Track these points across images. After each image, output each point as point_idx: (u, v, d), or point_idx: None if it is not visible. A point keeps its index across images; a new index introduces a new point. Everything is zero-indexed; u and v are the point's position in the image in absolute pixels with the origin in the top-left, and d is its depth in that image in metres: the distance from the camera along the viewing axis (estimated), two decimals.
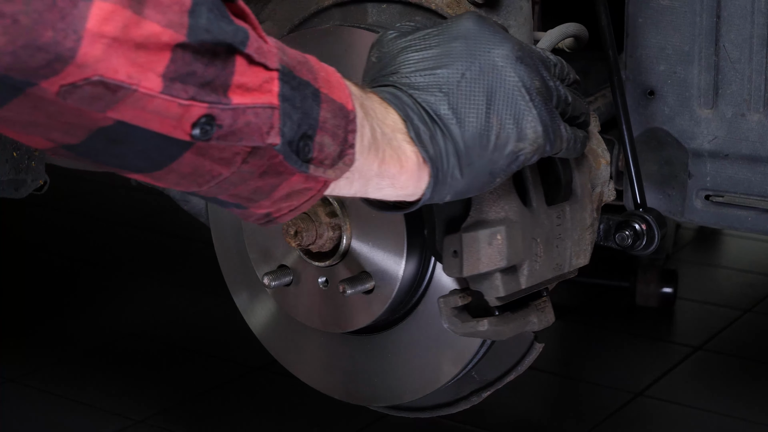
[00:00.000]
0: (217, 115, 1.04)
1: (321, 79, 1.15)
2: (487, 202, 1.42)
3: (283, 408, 2.80)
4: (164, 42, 0.98)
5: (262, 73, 1.07)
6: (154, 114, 1.01)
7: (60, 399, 2.84)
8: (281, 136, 1.09)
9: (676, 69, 1.70)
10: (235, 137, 1.07)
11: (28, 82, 0.95)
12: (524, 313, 1.50)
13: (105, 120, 1.01)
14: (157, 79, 0.99)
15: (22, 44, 0.92)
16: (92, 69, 0.96)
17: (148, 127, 1.02)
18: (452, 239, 1.43)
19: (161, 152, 1.06)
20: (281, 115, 1.09)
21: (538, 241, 1.45)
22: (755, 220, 1.71)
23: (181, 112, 1.02)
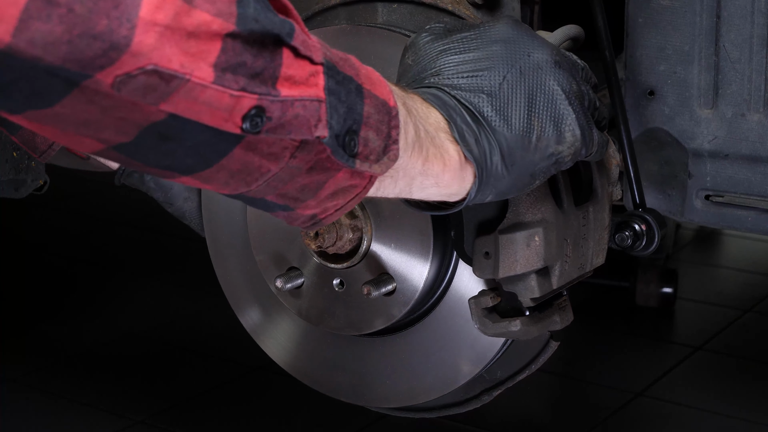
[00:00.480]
0: (267, 107, 1.04)
1: (363, 75, 1.15)
2: (524, 204, 1.42)
3: (283, 408, 2.80)
4: (215, 31, 0.98)
5: (308, 67, 1.07)
6: (205, 106, 1.01)
7: (60, 399, 2.84)
8: (329, 129, 1.10)
9: (676, 69, 1.70)
10: (284, 130, 1.06)
11: (84, 74, 0.95)
12: (549, 313, 1.52)
13: (157, 114, 1.00)
14: (208, 69, 0.99)
15: (78, 33, 0.92)
16: (146, 58, 0.95)
17: (199, 120, 1.02)
18: (485, 241, 1.44)
19: (212, 148, 1.06)
20: (328, 108, 1.09)
21: (568, 242, 1.46)
22: (755, 220, 1.72)
23: (232, 103, 1.02)
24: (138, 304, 3.41)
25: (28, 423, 2.75)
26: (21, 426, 2.73)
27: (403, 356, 1.70)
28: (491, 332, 1.50)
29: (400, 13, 1.67)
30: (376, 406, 1.79)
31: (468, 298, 1.56)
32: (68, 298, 3.45)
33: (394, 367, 1.72)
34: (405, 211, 1.54)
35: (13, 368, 2.98)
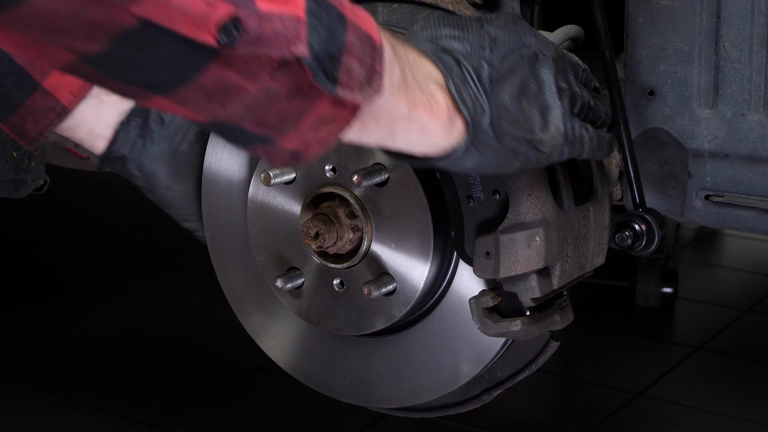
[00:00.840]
0: (243, 19, 1.01)
1: (347, 8, 1.13)
2: (524, 204, 1.42)
3: (283, 408, 2.80)
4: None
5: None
6: (179, 11, 0.99)
7: (60, 399, 2.84)
8: (309, 48, 1.07)
9: (676, 69, 1.70)
10: (261, 45, 1.04)
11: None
12: (549, 313, 1.52)
13: (128, 19, 0.98)
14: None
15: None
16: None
17: (172, 27, 0.99)
18: (486, 240, 1.44)
19: (187, 61, 1.03)
20: (308, 27, 1.07)
21: (568, 242, 1.46)
22: (755, 220, 1.72)
23: (207, 10, 1.00)
24: (138, 303, 3.41)
25: (28, 423, 2.75)
26: (21, 426, 2.73)
27: (404, 356, 1.70)
28: (492, 332, 1.50)
29: (400, 12, 1.67)
30: (376, 406, 1.79)
31: (468, 298, 1.56)
32: (68, 297, 3.45)
33: (394, 367, 1.72)
34: (405, 211, 1.54)
35: (13, 368, 2.98)
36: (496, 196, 1.45)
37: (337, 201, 1.58)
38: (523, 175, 1.43)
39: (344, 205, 1.59)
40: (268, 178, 1.60)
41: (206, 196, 1.80)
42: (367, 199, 1.57)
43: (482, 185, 1.46)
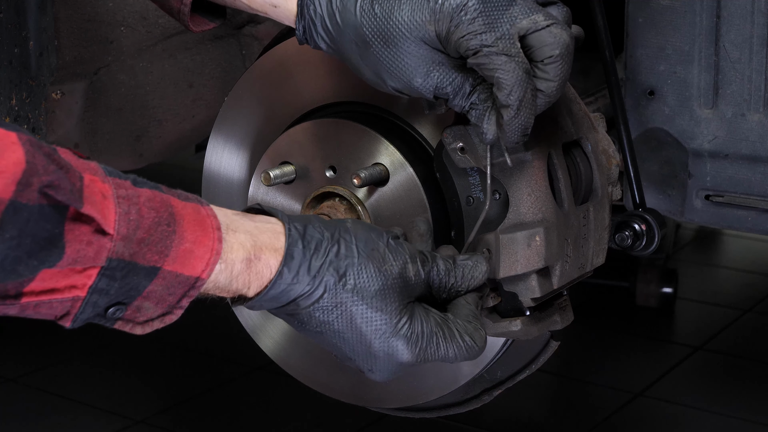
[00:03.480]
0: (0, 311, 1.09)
1: (179, 252, 1.16)
2: (524, 204, 1.42)
3: (283, 408, 2.80)
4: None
5: (73, 276, 1.09)
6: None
7: (60, 399, 2.84)
8: (73, 321, 1.13)
9: (676, 69, 1.70)
10: (22, 315, 1.11)
11: None
12: (549, 313, 1.52)
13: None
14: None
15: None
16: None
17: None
18: (485, 240, 1.44)
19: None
20: (83, 304, 1.12)
21: (568, 242, 1.46)
22: (755, 220, 1.72)
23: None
24: None
25: (28, 423, 2.75)
26: (21, 426, 2.73)
27: None
28: (492, 332, 1.50)
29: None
30: (376, 406, 1.79)
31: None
32: None
33: None
34: (405, 211, 1.54)
35: (13, 368, 2.99)
36: (497, 196, 1.45)
37: (337, 201, 1.58)
38: (523, 176, 1.43)
39: (344, 205, 1.59)
40: (268, 178, 1.60)
41: (206, 196, 1.81)
42: (367, 200, 1.57)
43: (482, 186, 1.46)
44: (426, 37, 1.31)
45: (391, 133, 1.52)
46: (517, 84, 1.27)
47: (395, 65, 1.33)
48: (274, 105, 1.66)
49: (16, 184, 1.02)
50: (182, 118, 2.43)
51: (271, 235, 1.25)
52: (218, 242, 1.19)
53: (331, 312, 1.27)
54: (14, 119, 1.93)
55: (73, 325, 1.14)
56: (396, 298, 1.29)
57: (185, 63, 2.39)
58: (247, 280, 1.23)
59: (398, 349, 1.29)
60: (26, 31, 1.94)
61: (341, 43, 1.35)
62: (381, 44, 1.32)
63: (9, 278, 1.05)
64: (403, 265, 1.31)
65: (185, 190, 1.23)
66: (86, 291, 1.11)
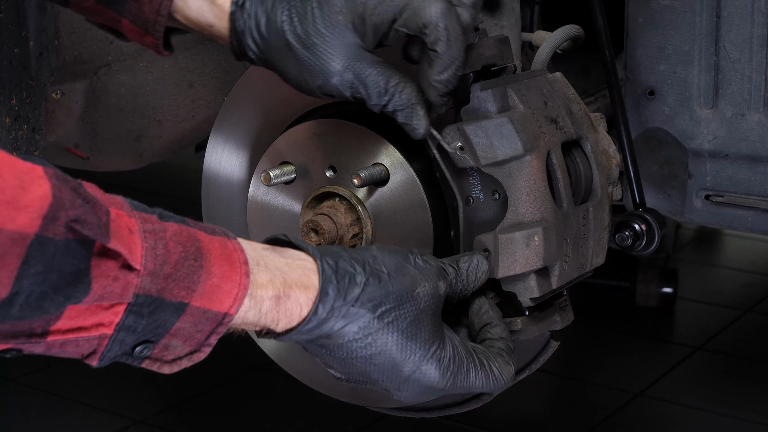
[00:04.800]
0: (26, 349, 1.07)
1: (206, 287, 1.15)
2: (523, 204, 1.42)
3: (283, 408, 2.80)
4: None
5: (100, 314, 1.08)
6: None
7: (60, 399, 2.84)
8: (100, 360, 1.12)
9: (676, 69, 1.70)
10: (48, 353, 1.09)
11: None
12: (549, 313, 1.52)
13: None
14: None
15: None
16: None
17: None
18: (484, 239, 1.44)
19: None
20: (110, 342, 1.11)
21: (567, 242, 1.46)
22: (755, 220, 1.72)
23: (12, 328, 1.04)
24: None
25: (28, 423, 2.75)
26: (21, 426, 2.73)
27: None
28: None
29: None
30: (376, 406, 1.79)
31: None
32: None
33: None
34: (405, 211, 1.54)
35: (13, 368, 2.98)
36: (496, 196, 1.45)
37: (337, 200, 1.58)
38: (522, 176, 1.43)
39: (344, 204, 1.59)
40: (268, 178, 1.60)
41: (206, 196, 1.80)
42: (367, 199, 1.57)
43: (482, 185, 1.46)
44: (341, 31, 1.35)
45: (391, 133, 1.52)
46: (445, 13, 1.31)
47: (315, 64, 1.37)
48: (274, 105, 1.66)
49: (42, 219, 1.01)
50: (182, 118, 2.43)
51: (302, 272, 1.24)
52: (246, 277, 1.18)
53: (364, 341, 1.26)
54: (14, 119, 1.93)
55: (100, 364, 1.12)
56: (429, 321, 1.29)
57: (185, 63, 2.39)
58: (275, 317, 1.23)
59: (429, 373, 1.29)
60: (26, 31, 1.94)
61: (268, 52, 1.40)
62: (301, 46, 1.36)
63: (35, 315, 1.04)
64: (435, 284, 1.31)
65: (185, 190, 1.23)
66: (113, 328, 1.09)
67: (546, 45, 1.61)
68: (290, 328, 1.24)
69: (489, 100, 1.40)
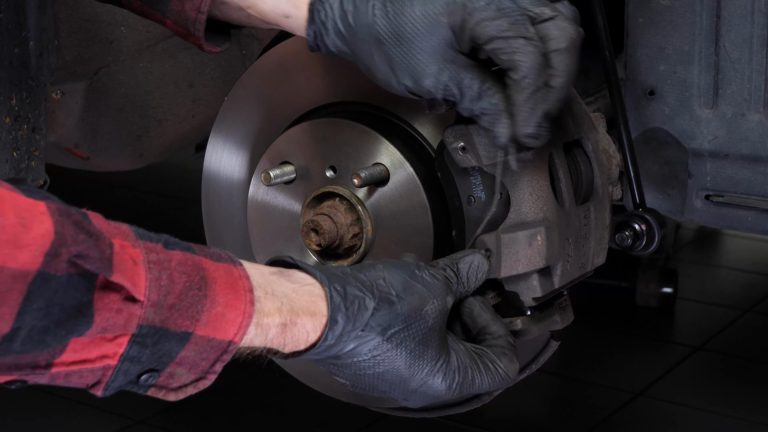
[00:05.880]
0: (30, 380, 1.08)
1: (211, 316, 1.15)
2: (526, 203, 1.42)
3: (283, 408, 2.80)
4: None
5: (104, 345, 1.09)
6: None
7: (60, 399, 2.84)
8: (105, 390, 1.12)
9: (676, 69, 1.70)
10: (52, 384, 1.10)
11: None
12: (549, 312, 1.52)
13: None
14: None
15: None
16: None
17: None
18: (486, 240, 1.44)
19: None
20: (115, 372, 1.11)
21: (569, 241, 1.46)
22: (755, 220, 1.72)
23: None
24: None
25: (28, 423, 2.75)
26: (21, 426, 2.73)
27: None
28: None
29: None
30: (376, 406, 1.79)
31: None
32: None
33: None
34: (406, 211, 1.54)
35: None
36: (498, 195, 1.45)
37: (338, 200, 1.58)
38: (524, 175, 1.43)
39: (344, 204, 1.59)
40: (268, 178, 1.60)
41: (206, 196, 1.81)
42: (368, 199, 1.57)
43: (483, 185, 1.46)
44: (440, 32, 1.31)
45: (392, 133, 1.52)
46: (535, 66, 1.28)
47: (407, 63, 1.33)
48: (273, 105, 1.66)
49: (44, 255, 1.01)
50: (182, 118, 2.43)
51: (309, 298, 1.24)
52: (251, 305, 1.18)
53: (373, 361, 1.27)
54: (14, 119, 1.93)
55: (105, 394, 1.12)
56: (436, 338, 1.30)
57: (185, 63, 2.39)
58: (282, 342, 1.23)
59: (436, 386, 1.30)
60: (26, 31, 1.94)
61: (354, 45, 1.35)
62: (394, 42, 1.32)
63: (37, 348, 1.04)
64: (443, 300, 1.32)
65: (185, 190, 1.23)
66: (117, 360, 1.10)
67: None
68: (297, 351, 1.25)
69: None
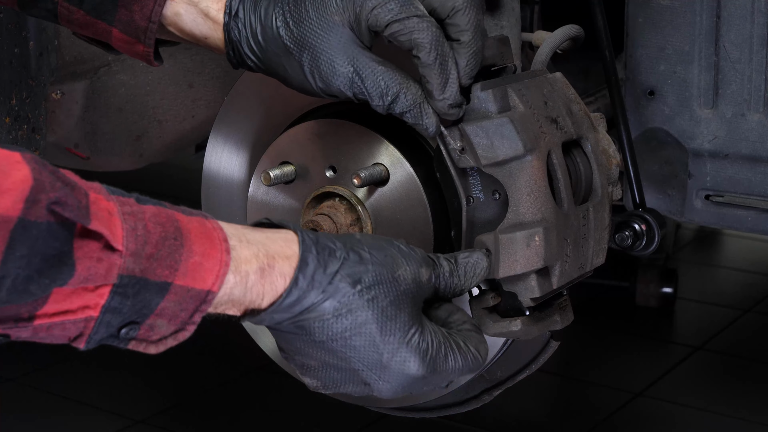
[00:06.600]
0: (13, 334, 1.10)
1: (188, 266, 1.15)
2: (524, 204, 1.42)
3: (283, 408, 2.80)
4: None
5: (86, 296, 1.10)
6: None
7: (60, 399, 2.84)
8: (87, 342, 1.13)
9: (676, 69, 1.71)
10: (35, 338, 1.12)
11: None
12: (549, 312, 1.52)
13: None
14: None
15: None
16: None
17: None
18: (484, 240, 1.44)
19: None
20: (97, 323, 1.12)
21: (568, 242, 1.46)
22: (755, 220, 1.72)
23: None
24: None
25: (28, 423, 2.75)
26: (21, 426, 2.73)
27: None
28: (492, 332, 1.50)
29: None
30: (376, 406, 1.79)
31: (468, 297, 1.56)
32: None
33: None
34: (405, 211, 1.54)
35: (13, 368, 2.99)
36: (496, 196, 1.45)
37: (338, 200, 1.58)
38: (522, 176, 1.43)
39: (344, 204, 1.59)
40: (268, 178, 1.60)
41: (206, 196, 1.81)
42: (367, 199, 1.57)
43: (482, 185, 1.46)
44: (337, 31, 1.35)
45: (391, 133, 1.52)
46: (435, 38, 1.33)
47: (317, 67, 1.37)
48: (274, 105, 1.66)
49: (24, 202, 1.02)
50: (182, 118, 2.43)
51: (283, 243, 1.25)
52: (226, 254, 1.18)
53: (344, 320, 1.25)
54: (14, 119, 1.93)
55: (87, 347, 1.13)
56: (409, 305, 1.29)
57: (185, 63, 2.39)
58: (261, 291, 1.23)
59: (409, 359, 1.28)
60: (26, 31, 1.94)
61: (266, 59, 1.41)
62: (299, 50, 1.37)
63: (22, 299, 1.05)
64: (417, 269, 1.31)
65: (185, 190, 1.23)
66: (99, 310, 1.11)
67: (546, 45, 1.61)
68: (273, 302, 1.24)
69: (489, 100, 1.40)
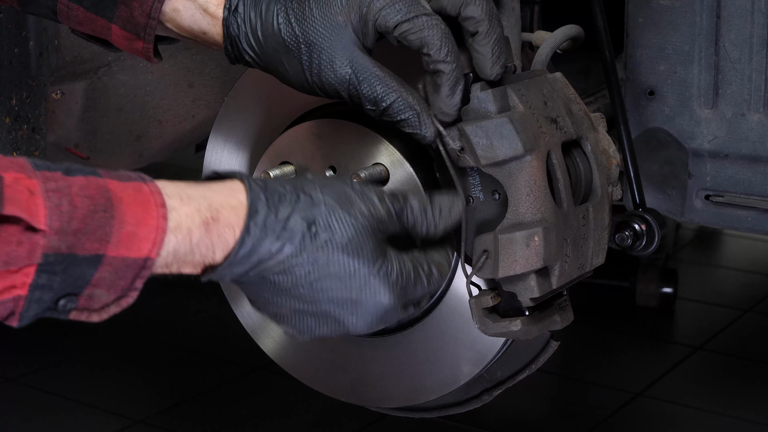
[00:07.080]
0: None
1: (121, 236, 1.15)
2: (523, 204, 1.42)
3: (283, 408, 2.80)
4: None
5: (10, 277, 1.09)
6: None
7: (60, 399, 2.84)
8: (20, 320, 1.13)
9: (676, 69, 1.71)
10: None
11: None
12: (549, 312, 1.52)
13: None
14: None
15: None
16: None
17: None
18: (484, 240, 1.44)
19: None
20: (27, 302, 1.12)
21: (567, 242, 1.46)
22: (755, 220, 1.72)
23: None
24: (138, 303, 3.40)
25: (28, 423, 2.75)
26: (21, 426, 2.73)
27: (404, 356, 1.70)
28: (492, 332, 1.50)
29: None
30: (376, 406, 1.79)
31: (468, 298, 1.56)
32: None
33: (394, 367, 1.71)
34: None
35: (13, 368, 2.99)
36: (496, 196, 1.45)
37: None
38: (522, 176, 1.43)
39: None
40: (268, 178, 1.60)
41: None
42: None
43: (482, 185, 1.46)
44: (340, 31, 1.35)
45: (391, 133, 1.52)
46: (444, 37, 1.32)
47: (316, 66, 1.37)
48: (273, 105, 1.66)
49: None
50: (182, 118, 2.43)
51: (228, 192, 1.22)
52: (163, 219, 1.16)
53: (305, 264, 1.23)
54: (14, 119, 1.93)
55: (21, 324, 1.13)
56: (370, 239, 1.27)
57: (185, 63, 2.39)
58: (209, 244, 1.20)
59: (379, 291, 1.27)
60: (26, 31, 1.94)
61: (265, 55, 1.40)
62: (299, 48, 1.37)
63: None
64: (372, 204, 1.28)
65: None
66: (27, 289, 1.11)
67: (546, 45, 1.61)
68: (228, 255, 1.21)
69: (489, 100, 1.40)
